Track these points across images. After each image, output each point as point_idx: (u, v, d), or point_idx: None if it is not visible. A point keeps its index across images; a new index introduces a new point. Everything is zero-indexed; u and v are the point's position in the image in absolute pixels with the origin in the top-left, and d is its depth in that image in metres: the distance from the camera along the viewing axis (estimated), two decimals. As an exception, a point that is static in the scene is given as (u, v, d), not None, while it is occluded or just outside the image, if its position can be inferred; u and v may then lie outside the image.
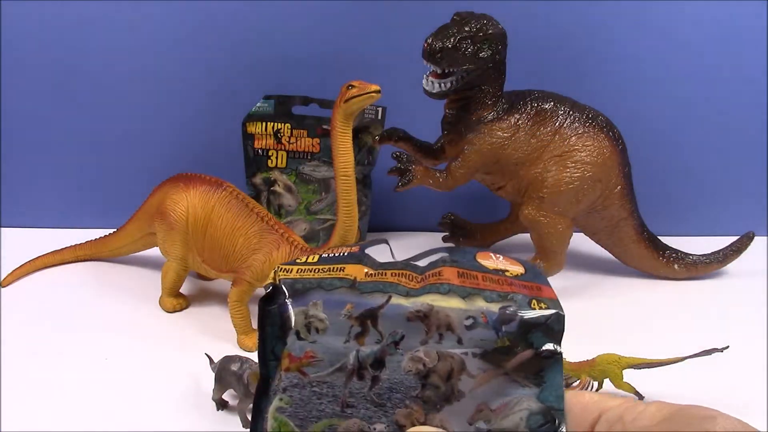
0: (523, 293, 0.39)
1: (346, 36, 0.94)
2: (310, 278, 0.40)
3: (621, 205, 0.84)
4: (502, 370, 0.37)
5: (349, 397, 0.38)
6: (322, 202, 0.95)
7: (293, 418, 0.38)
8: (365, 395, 0.38)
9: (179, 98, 0.97)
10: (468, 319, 0.38)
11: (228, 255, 0.75)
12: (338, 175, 0.68)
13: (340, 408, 0.38)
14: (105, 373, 0.69)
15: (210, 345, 0.73)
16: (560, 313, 0.39)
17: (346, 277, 0.40)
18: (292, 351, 0.39)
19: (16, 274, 0.87)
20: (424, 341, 0.38)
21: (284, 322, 0.39)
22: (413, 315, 0.38)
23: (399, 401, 0.38)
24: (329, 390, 0.38)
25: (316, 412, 0.38)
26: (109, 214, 0.97)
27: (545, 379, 0.37)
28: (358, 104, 0.67)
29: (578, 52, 0.96)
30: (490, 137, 0.80)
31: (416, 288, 0.39)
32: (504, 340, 0.37)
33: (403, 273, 0.41)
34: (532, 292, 0.40)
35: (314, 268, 0.41)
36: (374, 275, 0.40)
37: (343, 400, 0.38)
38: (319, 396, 0.38)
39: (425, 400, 0.38)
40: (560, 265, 0.84)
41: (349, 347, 0.38)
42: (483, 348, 0.37)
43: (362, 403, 0.38)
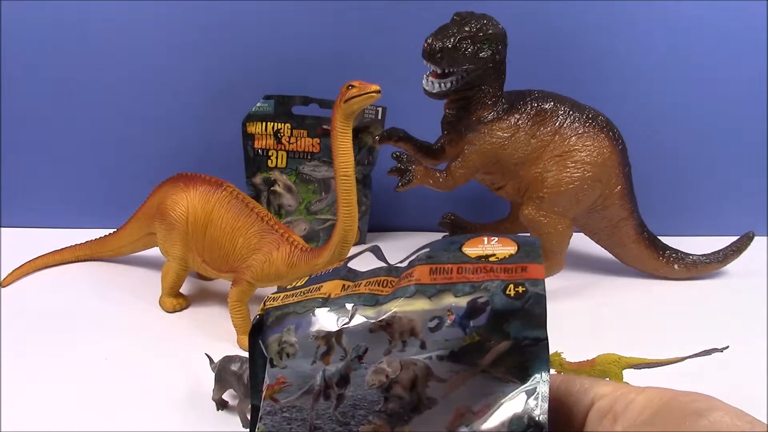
0: (501, 278, 0.35)
1: (346, 36, 0.94)
2: (288, 303, 0.40)
3: (621, 205, 0.84)
4: (478, 368, 0.34)
5: (316, 419, 0.37)
6: (322, 202, 0.95)
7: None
8: (331, 415, 0.36)
9: (179, 98, 0.97)
10: (433, 320, 0.35)
11: (228, 255, 0.75)
12: (338, 175, 0.68)
13: (307, 431, 0.37)
14: (105, 373, 0.68)
15: (210, 345, 0.73)
16: (539, 293, 0.34)
17: (319, 296, 0.39)
18: (268, 379, 0.38)
19: (16, 274, 0.87)
20: (387, 351, 0.36)
21: (264, 352, 0.39)
22: (375, 326, 0.36)
23: (362, 417, 0.36)
24: (298, 414, 0.37)
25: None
26: (109, 214, 0.97)
27: (530, 372, 0.33)
28: (358, 104, 0.67)
29: (578, 52, 0.96)
30: (490, 137, 0.80)
31: (386, 295, 0.38)
32: (473, 336, 0.34)
33: (381, 280, 0.39)
34: (512, 275, 0.36)
35: (298, 292, 0.40)
36: (348, 288, 0.40)
37: (311, 423, 0.37)
38: (288, 421, 0.37)
39: (389, 414, 0.35)
40: (560, 265, 0.84)
41: (315, 368, 0.37)
42: (449, 348, 0.35)
43: (328, 423, 0.36)
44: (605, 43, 0.95)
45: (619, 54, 0.96)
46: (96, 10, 0.92)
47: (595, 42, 0.95)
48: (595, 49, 0.95)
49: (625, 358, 0.62)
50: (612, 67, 0.96)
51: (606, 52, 0.96)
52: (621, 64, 0.96)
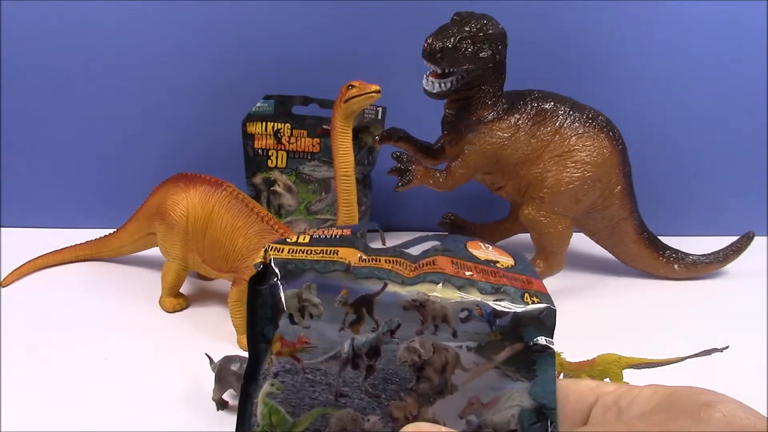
0: (515, 286, 0.38)
1: (346, 36, 0.94)
2: (303, 259, 0.39)
3: (621, 205, 0.84)
4: (493, 363, 0.37)
5: (343, 387, 0.37)
6: (322, 202, 0.95)
7: (285, 405, 0.37)
8: (360, 385, 0.37)
9: (179, 98, 0.97)
10: (463, 312, 0.37)
11: (228, 255, 0.75)
12: (338, 175, 0.68)
13: (333, 397, 0.37)
14: (105, 373, 0.68)
15: (210, 345, 0.73)
16: (552, 307, 0.37)
17: (340, 260, 0.39)
18: (285, 335, 0.38)
19: (16, 274, 0.87)
20: (419, 332, 0.37)
21: (276, 304, 0.38)
22: (409, 304, 0.38)
23: (394, 393, 0.37)
24: (323, 378, 0.37)
25: (308, 400, 0.37)
26: (109, 214, 0.97)
27: (537, 373, 0.36)
28: (358, 104, 0.67)
29: (578, 52, 0.96)
30: (490, 137, 0.80)
31: (411, 276, 0.39)
32: (497, 334, 0.37)
33: (397, 260, 0.40)
34: (524, 285, 0.39)
35: (306, 249, 0.40)
36: (368, 261, 0.40)
37: (337, 390, 0.37)
38: (312, 383, 0.37)
39: (420, 393, 0.37)
40: (560, 265, 0.84)
41: (343, 335, 0.38)
42: (477, 342, 0.37)
43: (356, 393, 0.37)
44: (605, 42, 0.95)
45: (619, 54, 0.96)
46: (96, 10, 0.92)
47: (595, 42, 0.95)
48: (595, 49, 0.95)
49: (625, 358, 0.62)
50: (612, 66, 0.96)
51: (606, 52, 0.96)
52: (621, 64, 0.96)
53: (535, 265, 0.83)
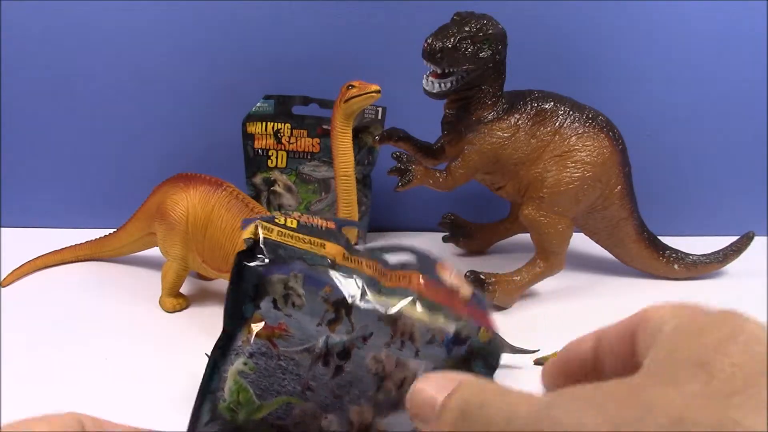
0: (474, 318, 0.40)
1: (346, 36, 0.94)
2: (293, 246, 0.40)
3: (621, 205, 0.84)
4: None
5: (312, 381, 0.38)
6: (322, 202, 0.95)
7: (254, 386, 0.37)
8: (327, 383, 0.38)
9: (179, 98, 0.97)
10: (428, 333, 0.38)
11: (228, 255, 0.75)
12: (338, 175, 0.68)
13: (301, 389, 0.37)
14: (105, 373, 0.68)
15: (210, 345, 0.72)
16: (499, 343, 0.40)
17: (326, 255, 0.40)
18: (267, 319, 0.38)
19: (16, 274, 0.87)
20: (387, 344, 0.38)
21: (261, 285, 0.39)
22: (384, 316, 0.38)
23: (356, 397, 0.38)
24: (294, 368, 0.38)
25: (277, 386, 0.37)
26: (109, 214, 0.97)
27: None
28: (358, 104, 0.67)
29: (578, 52, 0.96)
30: (490, 137, 0.80)
31: (387, 286, 0.39)
32: (450, 361, 0.38)
33: (376, 266, 0.41)
34: (480, 320, 0.40)
35: (295, 236, 0.40)
36: (350, 261, 0.40)
37: (306, 382, 0.37)
38: (283, 371, 0.38)
39: (376, 403, 0.37)
40: (560, 265, 0.84)
41: (320, 331, 0.38)
42: (434, 365, 0.38)
43: (322, 389, 0.37)
44: (605, 43, 0.95)
45: (619, 54, 0.96)
46: (96, 9, 0.92)
47: (595, 42, 0.95)
48: (595, 49, 0.95)
49: (625, 358, 0.62)
50: (612, 67, 0.96)
51: (606, 52, 0.96)
52: (621, 64, 0.96)
53: (535, 265, 0.83)
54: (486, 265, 0.90)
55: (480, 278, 0.81)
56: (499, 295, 0.81)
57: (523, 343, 0.71)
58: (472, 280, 0.81)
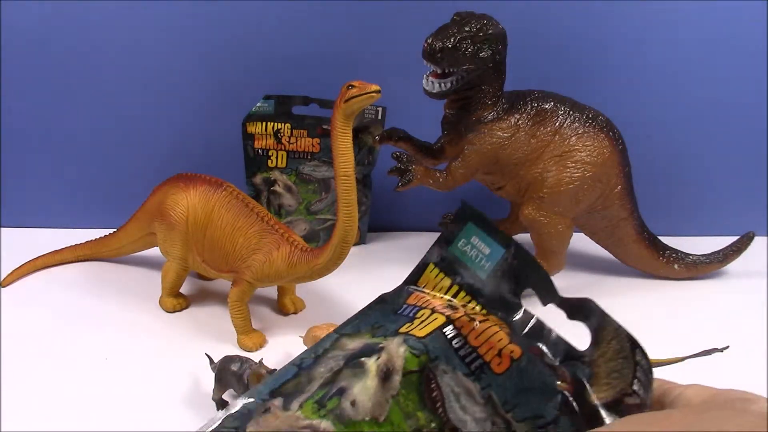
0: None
1: (346, 36, 0.94)
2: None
3: (621, 205, 0.84)
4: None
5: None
6: (322, 202, 0.95)
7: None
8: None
9: (179, 98, 0.97)
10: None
11: (228, 255, 0.75)
12: (338, 175, 0.68)
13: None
14: (105, 373, 0.68)
15: (210, 345, 0.73)
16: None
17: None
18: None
19: (16, 274, 0.87)
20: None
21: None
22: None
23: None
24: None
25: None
26: (109, 214, 0.97)
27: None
28: (358, 104, 0.67)
29: (578, 51, 0.96)
30: (490, 137, 0.80)
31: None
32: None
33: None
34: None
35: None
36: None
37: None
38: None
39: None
40: (560, 265, 0.84)
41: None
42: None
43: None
44: (605, 42, 0.95)
45: (619, 54, 0.96)
46: (96, 9, 0.92)
47: (595, 42, 0.95)
48: (595, 49, 0.95)
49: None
50: (612, 67, 0.96)
51: (606, 52, 0.96)
52: (621, 64, 0.96)
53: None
54: (486, 265, 0.90)
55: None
56: (499, 295, 0.81)
57: (523, 343, 0.71)
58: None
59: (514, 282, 0.40)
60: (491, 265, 0.41)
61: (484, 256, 0.42)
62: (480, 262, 0.42)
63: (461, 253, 0.42)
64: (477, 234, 0.42)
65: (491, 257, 0.41)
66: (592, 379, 0.36)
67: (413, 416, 0.37)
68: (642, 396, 0.35)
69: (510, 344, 0.39)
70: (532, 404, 0.37)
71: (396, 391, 0.38)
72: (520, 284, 0.40)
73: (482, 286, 0.41)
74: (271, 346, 0.74)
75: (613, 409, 0.35)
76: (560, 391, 0.36)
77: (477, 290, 0.42)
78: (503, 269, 0.41)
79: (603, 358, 0.37)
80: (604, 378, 0.36)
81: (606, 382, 0.36)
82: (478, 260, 0.42)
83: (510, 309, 0.40)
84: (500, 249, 0.41)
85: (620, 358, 0.36)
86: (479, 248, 0.42)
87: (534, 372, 0.38)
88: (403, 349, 0.39)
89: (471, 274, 0.42)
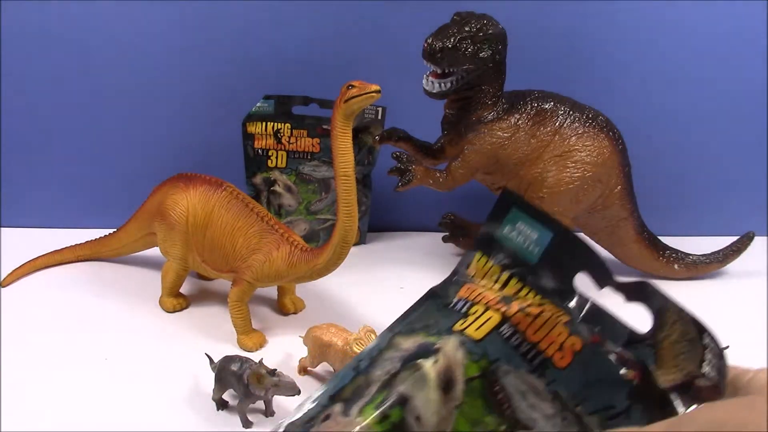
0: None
1: (346, 36, 0.94)
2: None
3: (621, 205, 0.84)
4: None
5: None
6: (322, 202, 0.95)
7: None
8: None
9: (179, 98, 0.97)
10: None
11: (228, 255, 0.75)
12: (338, 175, 0.68)
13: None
14: (105, 373, 0.69)
15: (210, 345, 0.73)
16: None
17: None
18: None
19: (16, 274, 0.87)
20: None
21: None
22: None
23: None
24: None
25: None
26: (109, 214, 0.97)
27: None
28: (358, 104, 0.67)
29: (578, 51, 0.96)
30: (490, 137, 0.80)
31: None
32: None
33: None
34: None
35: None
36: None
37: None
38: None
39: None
40: (560, 265, 0.84)
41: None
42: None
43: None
44: (605, 43, 0.95)
45: (619, 54, 0.96)
46: (96, 10, 0.92)
47: (595, 42, 0.95)
48: (595, 49, 0.95)
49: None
50: (612, 67, 0.96)
51: (606, 52, 0.96)
52: (621, 64, 0.96)
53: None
54: (486, 265, 0.90)
55: (480, 278, 0.81)
56: (499, 295, 0.81)
57: (523, 343, 0.71)
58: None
59: (565, 266, 0.39)
60: (540, 250, 0.40)
61: (531, 241, 0.40)
62: (528, 247, 0.40)
63: (508, 240, 0.41)
64: (522, 219, 0.41)
65: (539, 242, 0.40)
66: (657, 362, 0.35)
67: (480, 422, 0.36)
68: (714, 378, 0.34)
69: (570, 336, 0.37)
70: (600, 396, 0.36)
71: (459, 401, 0.37)
72: (572, 268, 0.39)
73: (533, 272, 0.40)
74: (271, 346, 0.74)
75: (684, 393, 0.34)
76: (629, 380, 0.36)
77: (528, 277, 0.40)
78: (553, 253, 0.39)
79: (668, 340, 0.35)
80: (670, 361, 0.35)
81: (673, 365, 0.35)
82: (526, 245, 0.40)
83: (564, 294, 0.39)
84: (548, 233, 0.39)
85: (686, 341, 0.35)
86: (526, 234, 0.41)
87: (598, 363, 0.37)
88: (461, 355, 0.38)
89: (520, 261, 0.41)
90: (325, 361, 0.67)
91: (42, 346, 0.73)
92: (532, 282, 0.40)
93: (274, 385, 0.60)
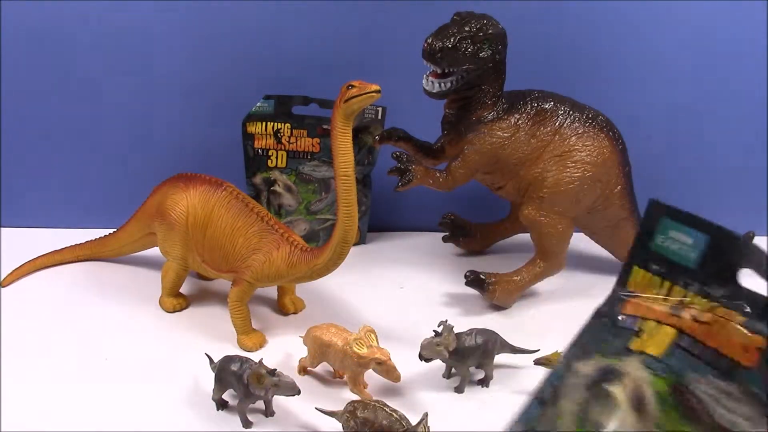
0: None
1: (346, 36, 0.94)
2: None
3: (621, 205, 0.84)
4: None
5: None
6: (322, 202, 0.95)
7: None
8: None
9: (179, 98, 0.97)
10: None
11: (228, 255, 0.75)
12: (338, 175, 0.68)
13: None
14: (105, 373, 0.69)
15: (210, 345, 0.73)
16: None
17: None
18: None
19: (16, 274, 0.87)
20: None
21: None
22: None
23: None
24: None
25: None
26: (109, 214, 0.97)
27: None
28: (358, 104, 0.67)
29: (578, 51, 0.95)
30: (490, 137, 0.80)
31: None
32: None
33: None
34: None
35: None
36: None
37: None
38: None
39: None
40: (560, 265, 0.84)
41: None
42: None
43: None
44: (605, 43, 0.95)
45: (619, 54, 0.95)
46: (96, 10, 0.92)
47: (596, 42, 0.95)
48: (595, 49, 0.95)
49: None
50: (612, 67, 0.96)
51: (606, 52, 0.95)
52: (621, 64, 0.96)
53: (535, 264, 0.83)
54: (486, 265, 0.90)
55: (480, 278, 0.81)
56: (499, 294, 0.81)
57: (523, 343, 0.71)
58: (472, 280, 0.81)
59: (726, 265, 0.39)
60: (698, 254, 0.40)
61: (687, 246, 0.41)
62: (685, 253, 0.41)
63: (663, 249, 0.41)
64: (673, 227, 0.41)
65: (695, 246, 0.40)
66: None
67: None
68: None
69: (750, 335, 0.37)
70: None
71: (656, 418, 0.37)
72: (734, 266, 0.39)
73: (695, 277, 0.40)
74: (271, 346, 0.74)
75: None
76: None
77: (691, 282, 0.40)
78: (712, 255, 0.39)
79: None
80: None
81: None
82: (683, 252, 0.41)
83: (732, 294, 0.39)
84: (703, 236, 0.40)
85: None
86: (680, 240, 0.41)
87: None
88: (645, 374, 0.38)
89: (680, 268, 0.41)
90: (325, 361, 0.67)
91: (42, 346, 0.73)
92: (697, 287, 0.40)
93: (274, 385, 0.60)
